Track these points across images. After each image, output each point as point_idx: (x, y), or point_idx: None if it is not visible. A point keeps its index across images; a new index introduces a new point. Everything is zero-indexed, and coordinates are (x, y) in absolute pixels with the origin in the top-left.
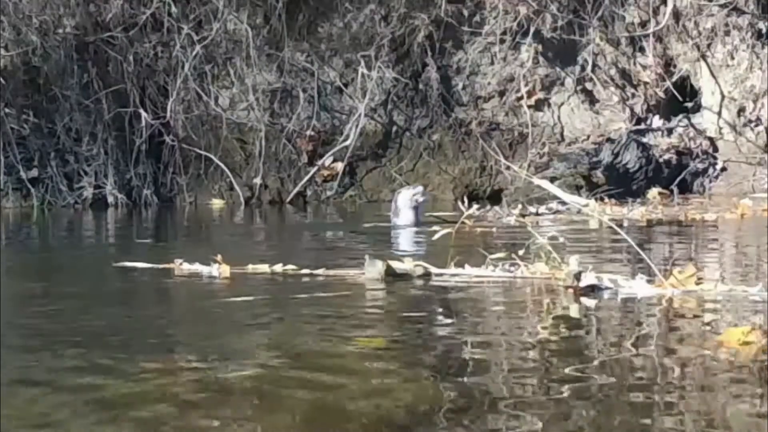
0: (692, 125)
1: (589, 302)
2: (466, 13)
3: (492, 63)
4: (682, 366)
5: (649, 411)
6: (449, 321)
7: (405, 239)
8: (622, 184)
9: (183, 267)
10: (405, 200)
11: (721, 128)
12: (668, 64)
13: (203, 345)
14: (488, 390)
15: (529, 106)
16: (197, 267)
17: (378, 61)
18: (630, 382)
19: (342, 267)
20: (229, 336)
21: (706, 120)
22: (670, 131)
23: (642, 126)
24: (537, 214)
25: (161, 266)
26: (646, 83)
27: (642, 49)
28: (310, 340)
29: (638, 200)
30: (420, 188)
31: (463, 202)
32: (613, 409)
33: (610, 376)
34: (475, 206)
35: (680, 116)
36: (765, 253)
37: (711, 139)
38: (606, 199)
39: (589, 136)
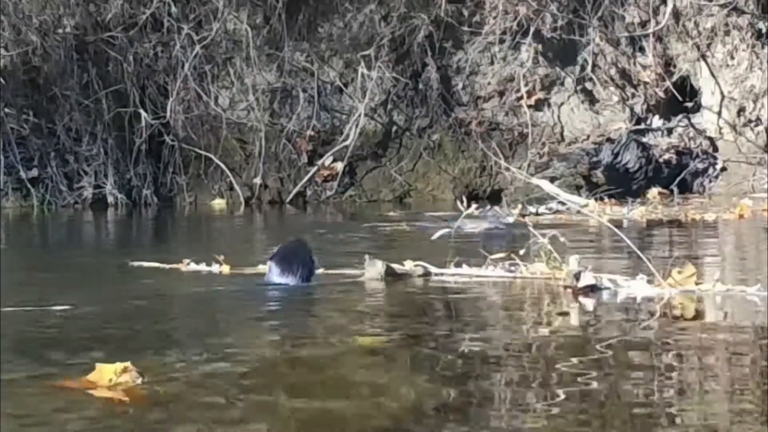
0: (692, 125)
1: (588, 302)
2: (466, 13)
3: (492, 63)
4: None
5: (648, 411)
6: (449, 321)
7: None
8: (622, 184)
9: (189, 266)
10: None
11: (721, 128)
12: (668, 64)
13: (203, 343)
14: (488, 389)
15: (529, 106)
16: (203, 266)
17: (378, 61)
18: (628, 382)
19: (344, 266)
20: (229, 334)
21: (706, 120)
22: (670, 131)
23: (642, 126)
24: (537, 214)
25: (169, 266)
26: (646, 83)
27: (642, 49)
28: (309, 339)
29: (638, 200)
30: None
31: (462, 202)
32: (611, 408)
33: (610, 376)
34: (475, 206)
35: (680, 116)
36: (765, 253)
37: (711, 139)
38: (606, 199)
39: (589, 136)
